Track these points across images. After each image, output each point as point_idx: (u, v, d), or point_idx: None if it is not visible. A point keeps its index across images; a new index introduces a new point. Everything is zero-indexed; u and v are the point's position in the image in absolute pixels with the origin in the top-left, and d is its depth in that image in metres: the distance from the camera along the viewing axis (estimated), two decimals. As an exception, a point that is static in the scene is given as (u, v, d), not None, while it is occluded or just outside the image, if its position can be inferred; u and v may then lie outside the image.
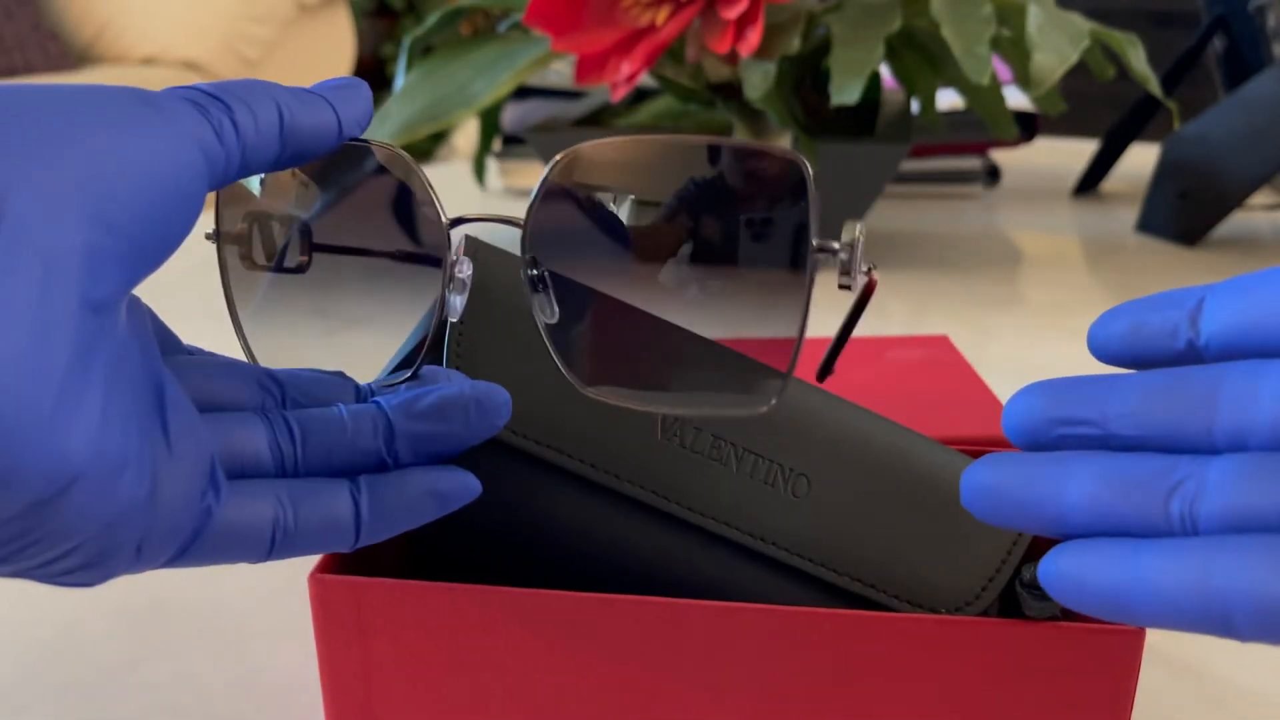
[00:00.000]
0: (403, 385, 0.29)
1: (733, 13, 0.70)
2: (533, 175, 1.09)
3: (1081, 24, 0.77)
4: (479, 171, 1.01)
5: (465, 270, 0.29)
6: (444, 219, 0.29)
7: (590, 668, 0.29)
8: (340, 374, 0.30)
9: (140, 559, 0.23)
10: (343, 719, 0.31)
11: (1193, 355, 0.23)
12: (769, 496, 0.31)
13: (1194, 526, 0.21)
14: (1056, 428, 0.24)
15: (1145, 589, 0.20)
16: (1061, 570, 0.22)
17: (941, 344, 0.57)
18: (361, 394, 0.30)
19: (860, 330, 0.72)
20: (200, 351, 0.30)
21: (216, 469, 0.25)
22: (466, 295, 0.29)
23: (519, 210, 0.29)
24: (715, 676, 0.29)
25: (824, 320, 0.35)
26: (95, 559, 0.22)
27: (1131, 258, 0.92)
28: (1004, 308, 0.79)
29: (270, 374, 0.29)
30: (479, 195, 1.11)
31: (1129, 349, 0.24)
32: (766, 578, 0.31)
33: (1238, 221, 0.99)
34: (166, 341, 0.29)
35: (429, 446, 0.28)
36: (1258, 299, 0.22)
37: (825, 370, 0.36)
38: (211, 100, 0.25)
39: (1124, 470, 0.22)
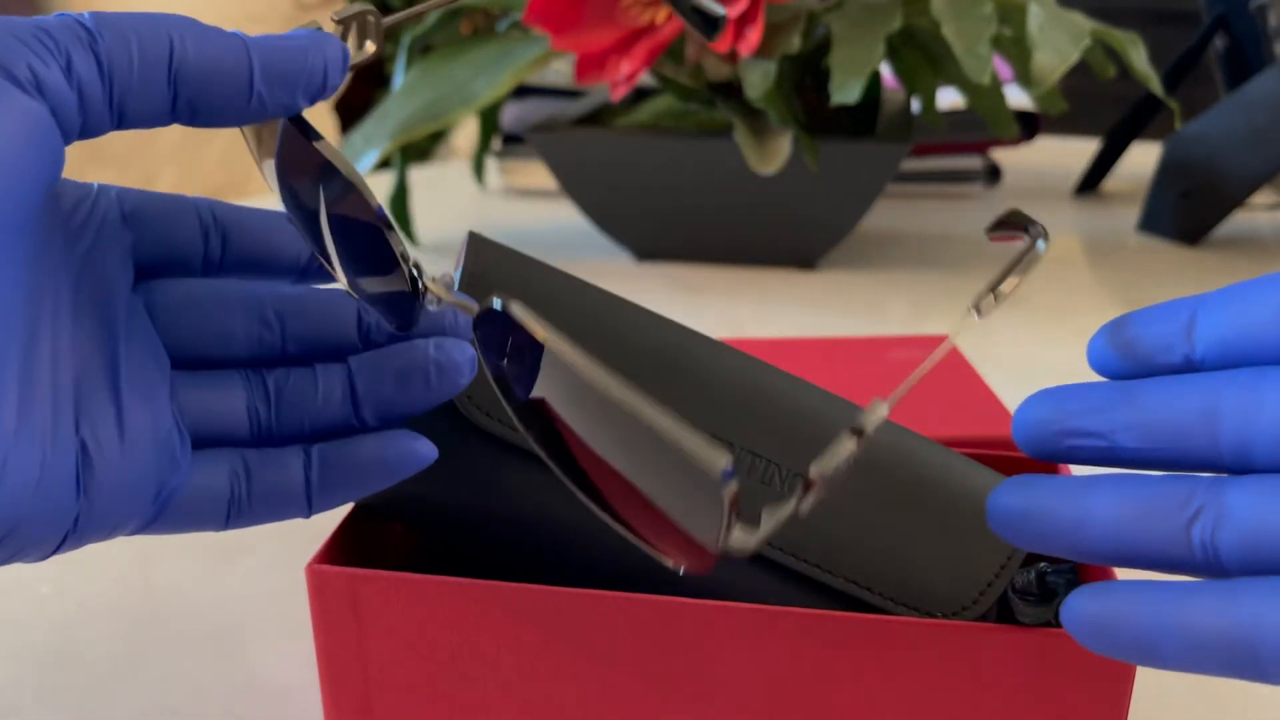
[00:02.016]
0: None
1: (733, 12, 0.70)
2: (532, 175, 1.09)
3: (1082, 23, 0.77)
4: (478, 171, 1.01)
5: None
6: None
7: (584, 663, 0.29)
8: (348, 315, 0.29)
9: (82, 539, 0.24)
10: (341, 709, 0.31)
11: (1190, 369, 0.23)
12: (766, 496, 0.31)
13: (1215, 555, 0.21)
14: (1065, 439, 0.24)
15: (1171, 636, 0.21)
16: (1086, 617, 0.22)
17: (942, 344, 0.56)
18: (362, 325, 0.29)
19: (860, 330, 0.72)
20: (248, 221, 0.28)
21: (178, 451, 0.25)
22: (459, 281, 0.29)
23: (519, 209, 0.29)
24: (709, 675, 0.29)
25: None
26: (14, 549, 0.23)
27: (1133, 257, 0.92)
28: (1005, 308, 0.78)
29: (278, 306, 0.28)
30: (479, 195, 1.11)
31: (1127, 366, 0.24)
32: (762, 577, 0.31)
33: (1239, 221, 0.99)
34: (171, 245, 0.28)
35: (393, 410, 0.28)
36: (1249, 308, 0.22)
37: None
38: (70, 29, 0.22)
39: (1143, 497, 0.22)
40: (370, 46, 0.26)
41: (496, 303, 0.23)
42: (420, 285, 0.25)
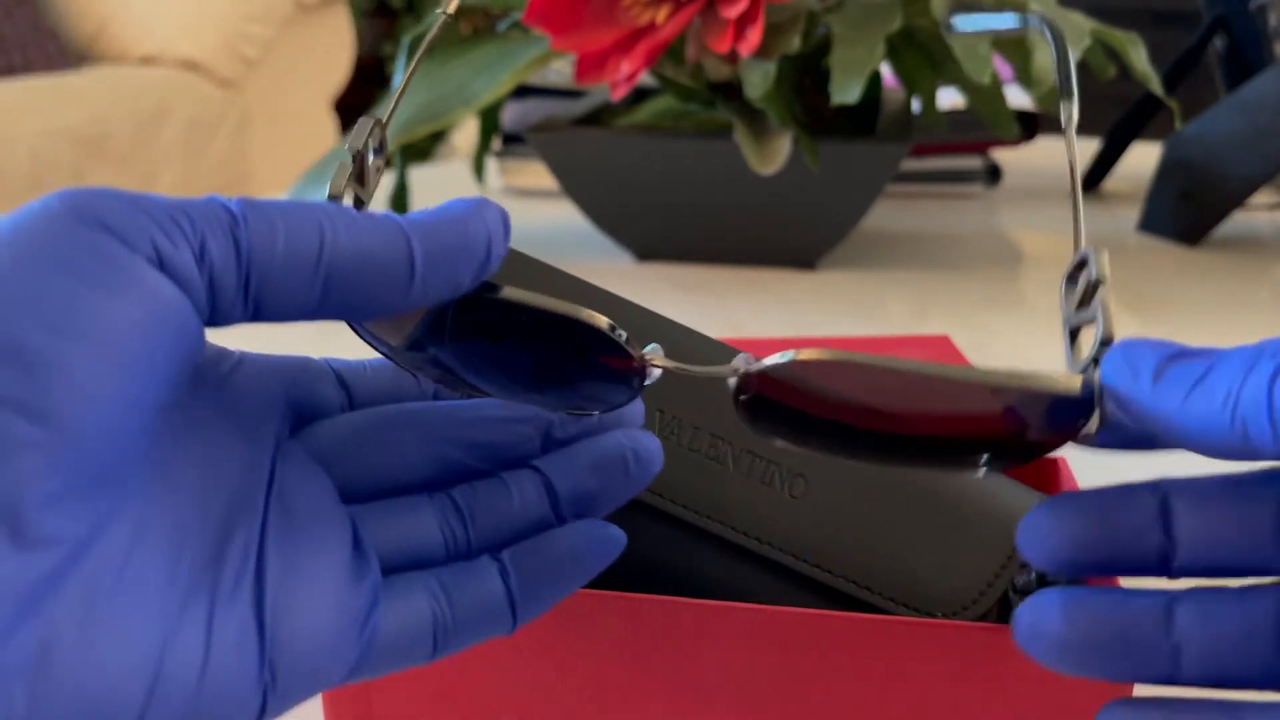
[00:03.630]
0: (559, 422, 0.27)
1: (733, 12, 0.70)
2: (532, 174, 1.09)
3: (1082, 23, 0.77)
4: (478, 170, 1.01)
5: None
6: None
7: (583, 663, 0.29)
8: (529, 418, 0.27)
9: (281, 708, 0.22)
10: (340, 709, 0.31)
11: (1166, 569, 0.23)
12: (766, 496, 0.31)
13: None
14: (1088, 570, 0.23)
15: None
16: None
17: (942, 344, 0.56)
18: (549, 433, 0.27)
19: (860, 330, 0.72)
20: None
21: (369, 594, 0.24)
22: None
23: (519, 209, 0.29)
24: (709, 675, 0.29)
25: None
26: None
27: (1133, 257, 0.92)
28: (1005, 308, 0.78)
29: (451, 422, 0.26)
30: (478, 195, 1.11)
31: (1088, 558, 0.23)
32: (762, 578, 0.31)
33: (1239, 221, 0.99)
34: (316, 391, 0.26)
35: (593, 507, 0.26)
36: (1226, 515, 0.22)
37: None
38: (212, 212, 0.21)
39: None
40: None
41: (741, 361, 0.24)
42: (641, 363, 0.24)
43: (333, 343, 0.33)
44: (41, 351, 0.19)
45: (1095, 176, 1.14)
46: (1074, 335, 0.26)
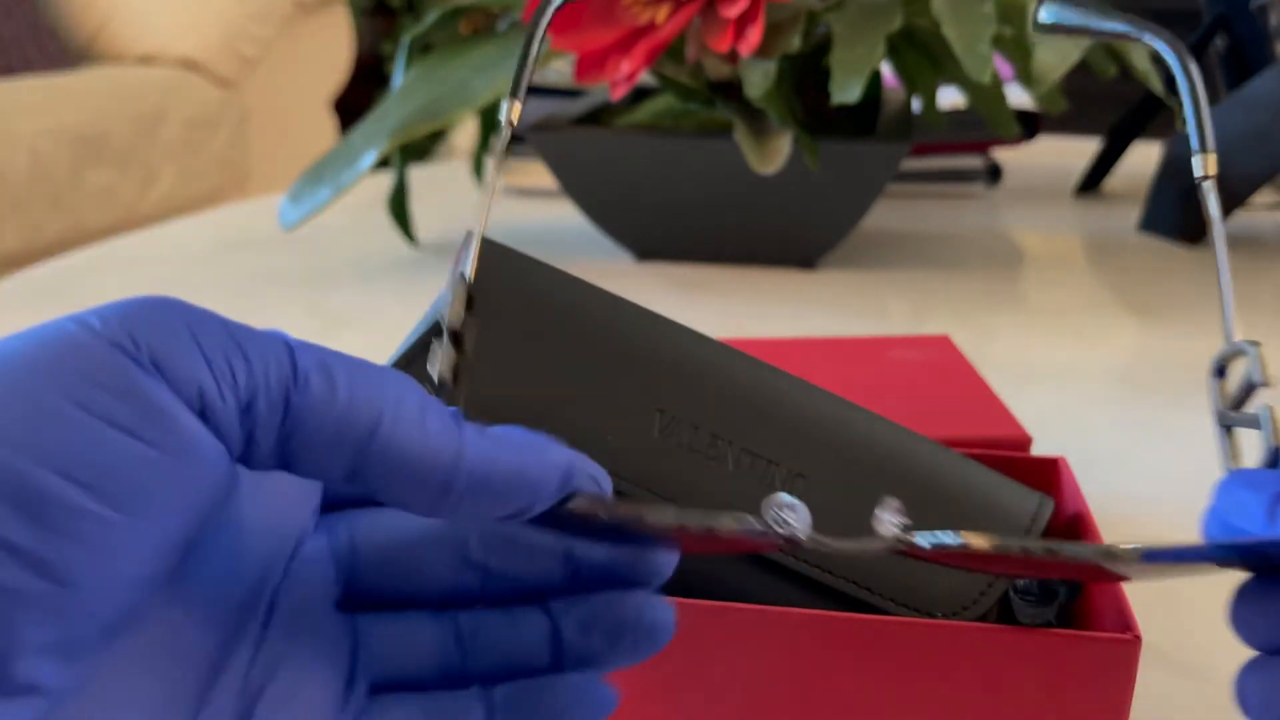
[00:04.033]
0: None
1: (733, 11, 0.70)
2: (532, 174, 1.09)
3: (1083, 22, 0.77)
4: (478, 170, 1.01)
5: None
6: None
7: (586, 670, 0.29)
8: (557, 551, 0.26)
9: None
10: None
11: None
12: (766, 496, 0.31)
13: None
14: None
15: None
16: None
17: (942, 344, 0.56)
18: (576, 571, 0.25)
19: (860, 330, 0.71)
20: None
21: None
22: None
23: (519, 209, 0.28)
24: (709, 675, 0.29)
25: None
26: None
27: (1134, 257, 0.92)
28: (1005, 307, 0.78)
29: (475, 566, 0.25)
30: (478, 194, 1.11)
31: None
32: (761, 578, 0.31)
33: (1240, 221, 0.99)
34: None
35: (591, 665, 0.25)
36: None
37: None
38: (275, 359, 0.20)
39: None
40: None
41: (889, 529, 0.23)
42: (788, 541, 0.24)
43: (333, 341, 0.33)
44: (59, 503, 0.17)
45: (1096, 176, 1.14)
46: (1227, 429, 0.26)
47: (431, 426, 0.21)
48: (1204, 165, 0.26)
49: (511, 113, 0.27)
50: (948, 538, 0.23)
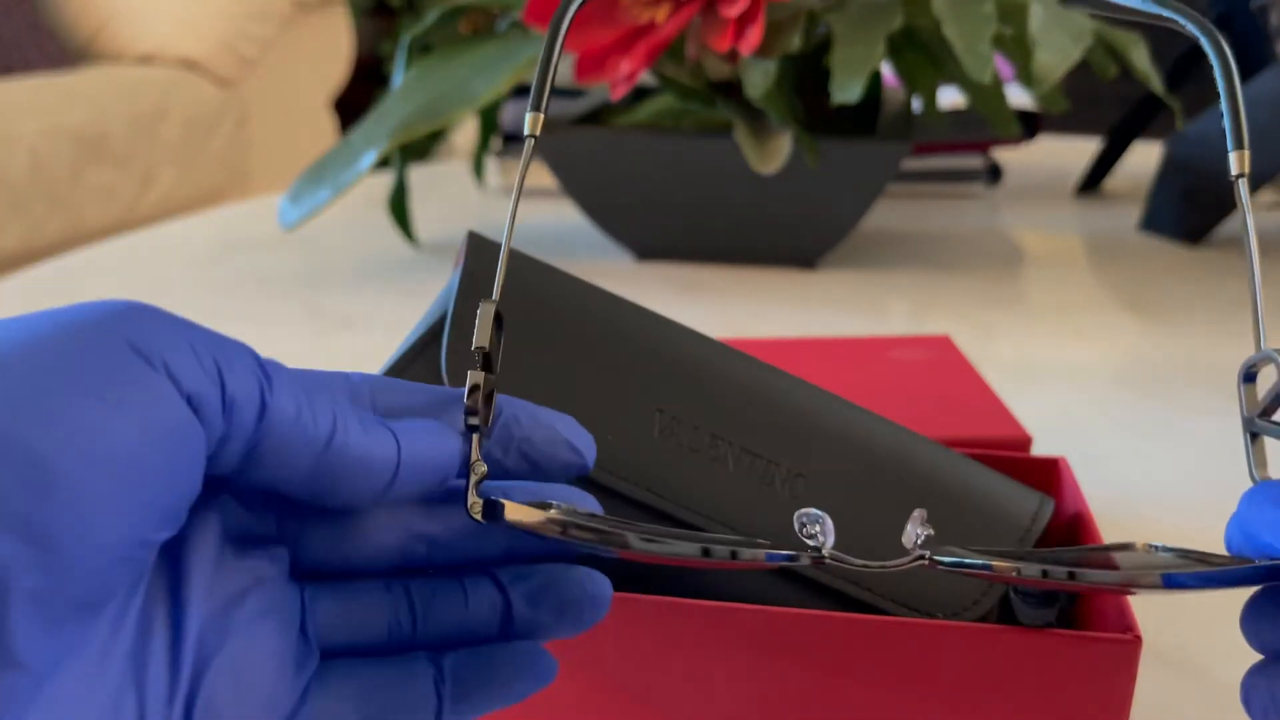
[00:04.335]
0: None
1: (733, 11, 0.70)
2: (532, 174, 1.09)
3: (1084, 22, 0.77)
4: (478, 170, 1.01)
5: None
6: None
7: (583, 664, 0.29)
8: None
9: None
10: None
11: None
12: (766, 496, 0.31)
13: None
14: None
15: None
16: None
17: (943, 344, 0.56)
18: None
19: (860, 330, 0.71)
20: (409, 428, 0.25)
21: (302, 706, 0.24)
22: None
23: (519, 209, 0.28)
24: (709, 675, 0.29)
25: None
26: None
27: (1134, 257, 0.92)
28: (1006, 307, 0.78)
29: (420, 537, 0.26)
30: (479, 194, 1.11)
31: None
32: (762, 578, 0.31)
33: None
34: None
35: (536, 636, 0.26)
36: None
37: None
38: (249, 367, 0.21)
39: None
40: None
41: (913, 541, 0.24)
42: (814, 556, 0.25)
43: (333, 341, 0.33)
44: (63, 476, 0.19)
45: (1097, 176, 1.14)
46: (1253, 436, 0.26)
47: (377, 427, 0.23)
48: (1239, 163, 0.26)
49: (535, 126, 0.27)
50: (971, 559, 0.23)
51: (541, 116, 0.27)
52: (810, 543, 0.24)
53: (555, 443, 0.26)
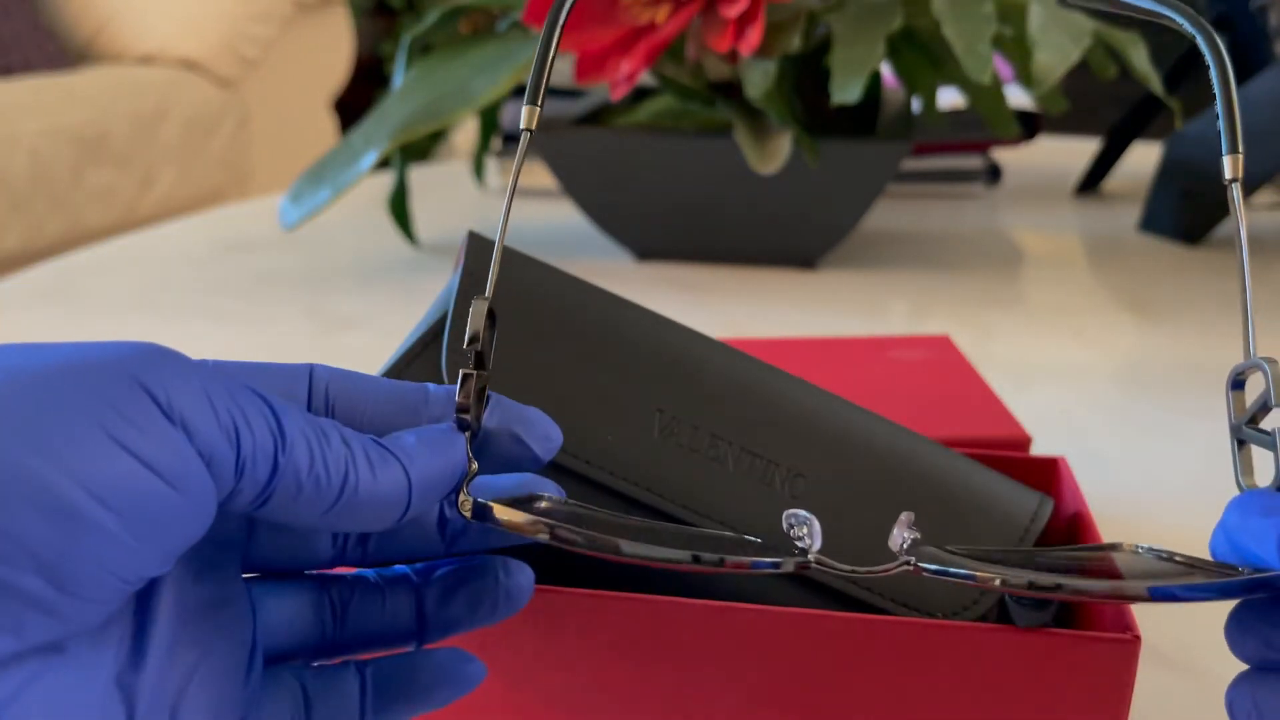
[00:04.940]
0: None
1: (733, 11, 0.70)
2: (532, 174, 1.09)
3: (1083, 22, 0.77)
4: (478, 170, 1.01)
5: None
6: None
7: (583, 664, 0.29)
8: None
9: None
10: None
11: None
12: (765, 496, 0.31)
13: None
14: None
15: None
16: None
17: (942, 344, 0.56)
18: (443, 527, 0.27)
19: (860, 330, 0.71)
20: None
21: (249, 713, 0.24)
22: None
23: (519, 209, 0.28)
24: (709, 675, 0.29)
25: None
26: None
27: (1133, 257, 0.92)
28: (1005, 307, 0.78)
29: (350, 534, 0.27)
30: (479, 195, 1.11)
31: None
32: (761, 578, 0.31)
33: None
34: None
35: (455, 631, 0.27)
36: None
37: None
38: (263, 419, 0.21)
39: None
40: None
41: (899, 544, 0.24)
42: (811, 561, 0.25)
43: (333, 341, 0.33)
44: (82, 517, 0.19)
45: (1096, 176, 1.14)
46: (1240, 443, 0.26)
47: (387, 464, 0.23)
48: (1233, 167, 0.26)
49: (530, 120, 0.27)
50: (956, 568, 0.23)
51: (538, 111, 0.27)
52: (798, 545, 0.24)
53: (529, 434, 0.26)
